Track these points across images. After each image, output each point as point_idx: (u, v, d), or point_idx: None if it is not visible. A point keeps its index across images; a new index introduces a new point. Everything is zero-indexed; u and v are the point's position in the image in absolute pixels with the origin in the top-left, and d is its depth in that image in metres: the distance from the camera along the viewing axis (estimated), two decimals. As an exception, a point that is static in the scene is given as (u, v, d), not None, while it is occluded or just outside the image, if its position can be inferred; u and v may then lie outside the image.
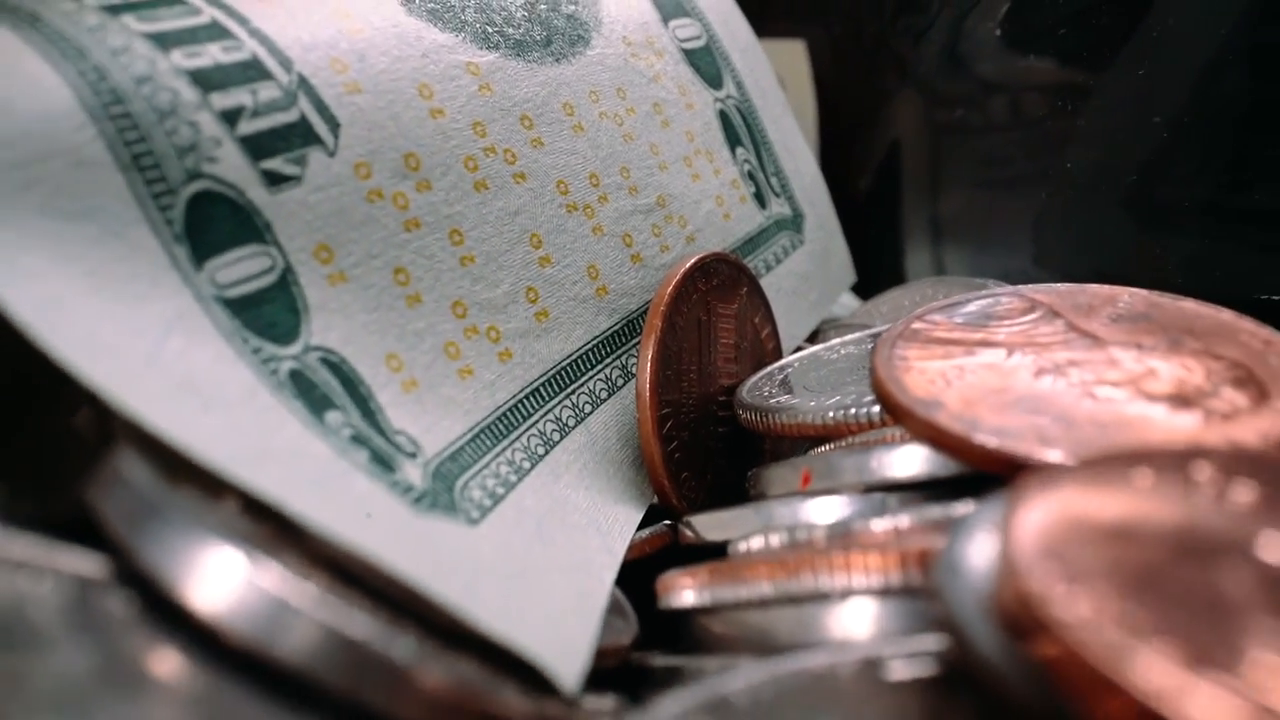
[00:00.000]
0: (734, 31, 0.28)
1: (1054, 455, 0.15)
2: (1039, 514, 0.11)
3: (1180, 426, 0.15)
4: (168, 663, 0.10)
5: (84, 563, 0.11)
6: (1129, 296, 0.19)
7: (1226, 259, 0.27)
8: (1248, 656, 0.09)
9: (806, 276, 0.28)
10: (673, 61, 0.26)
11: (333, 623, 0.11)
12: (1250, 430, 0.15)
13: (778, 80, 0.37)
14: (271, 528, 0.13)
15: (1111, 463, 0.13)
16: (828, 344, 0.25)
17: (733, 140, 0.27)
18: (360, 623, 0.11)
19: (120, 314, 0.14)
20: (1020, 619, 0.09)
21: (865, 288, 0.35)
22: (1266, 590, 0.10)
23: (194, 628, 0.11)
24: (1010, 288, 0.21)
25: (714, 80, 0.27)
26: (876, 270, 0.37)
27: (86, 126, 0.14)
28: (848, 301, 0.35)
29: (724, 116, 0.27)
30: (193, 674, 0.10)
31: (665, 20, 0.26)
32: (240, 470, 0.13)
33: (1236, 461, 0.13)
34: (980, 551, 0.11)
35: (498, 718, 0.11)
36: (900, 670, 0.12)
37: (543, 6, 0.23)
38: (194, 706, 0.10)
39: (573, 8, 0.23)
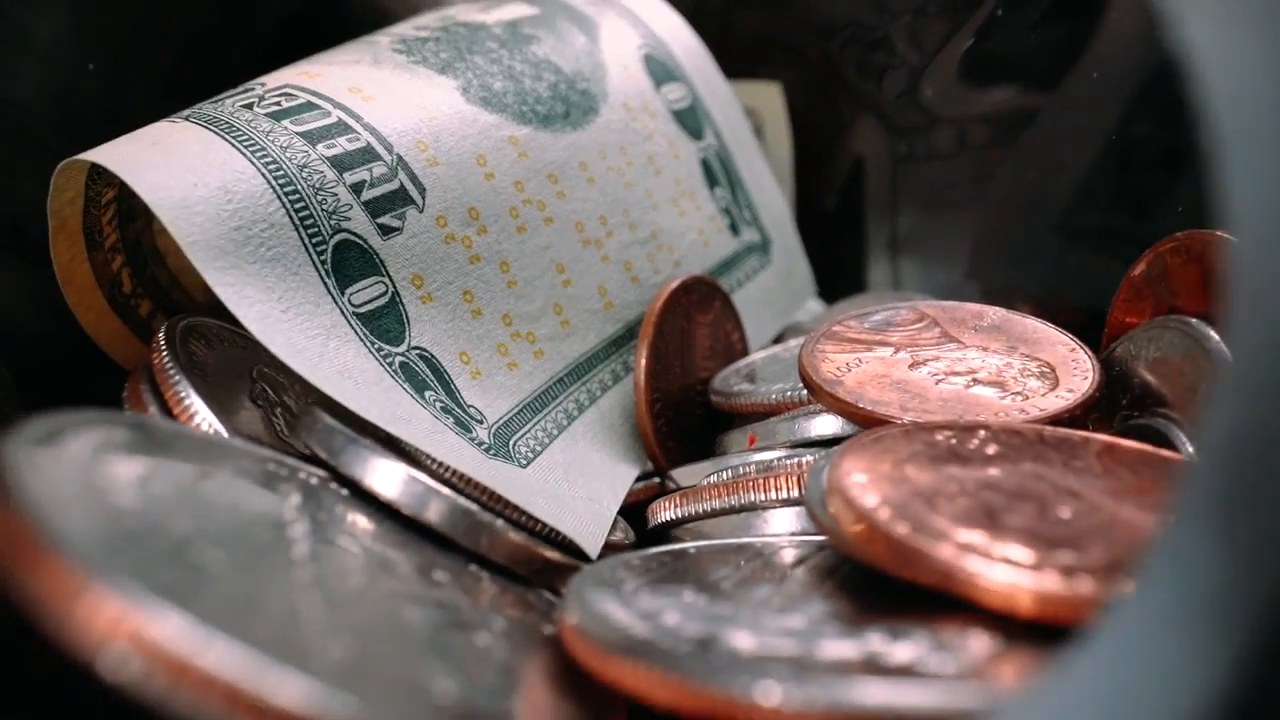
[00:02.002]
0: (714, 90, 0.38)
1: (908, 419, 0.24)
2: (859, 450, 0.20)
3: (995, 402, 0.24)
4: (368, 521, 0.19)
5: (317, 470, 0.21)
6: (992, 313, 0.29)
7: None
8: (930, 515, 0.18)
9: (772, 291, 0.37)
10: (663, 121, 0.35)
11: (460, 502, 0.20)
12: (1035, 407, 0.24)
13: (758, 116, 0.46)
14: (401, 457, 0.22)
15: (926, 426, 0.22)
16: (785, 345, 0.35)
17: (712, 181, 0.36)
18: (474, 504, 0.20)
19: (300, 326, 0.23)
20: (834, 507, 0.19)
21: (833, 296, 0.45)
22: (964, 490, 0.19)
23: (379, 504, 0.20)
24: (911, 302, 0.30)
25: (697, 133, 0.36)
26: (842, 280, 0.46)
27: (273, 201, 0.24)
28: (814, 307, 0.44)
29: (705, 163, 0.36)
30: (382, 526, 0.19)
31: (658, 86, 0.35)
32: (388, 427, 0.22)
33: (1000, 432, 0.22)
34: (825, 470, 0.20)
35: (549, 561, 0.21)
36: (795, 550, 0.22)
37: (562, 87, 0.32)
38: (384, 542, 0.19)
39: (585, 84, 0.33)
